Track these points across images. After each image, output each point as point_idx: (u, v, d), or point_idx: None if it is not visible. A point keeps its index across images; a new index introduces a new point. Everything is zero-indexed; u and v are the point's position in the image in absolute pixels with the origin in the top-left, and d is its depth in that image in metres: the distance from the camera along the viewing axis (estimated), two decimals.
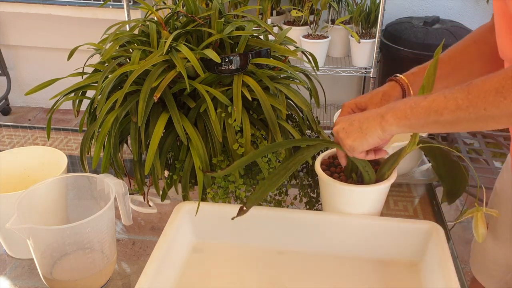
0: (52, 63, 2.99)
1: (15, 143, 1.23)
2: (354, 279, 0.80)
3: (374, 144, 0.75)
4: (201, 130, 0.85)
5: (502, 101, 0.61)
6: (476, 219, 0.81)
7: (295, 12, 2.22)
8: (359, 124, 0.75)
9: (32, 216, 0.77)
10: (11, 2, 2.51)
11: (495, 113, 0.62)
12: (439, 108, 0.65)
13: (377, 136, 0.73)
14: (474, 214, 0.81)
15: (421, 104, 0.67)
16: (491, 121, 0.64)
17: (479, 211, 0.81)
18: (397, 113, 0.70)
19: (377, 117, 0.72)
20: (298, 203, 0.93)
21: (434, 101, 0.66)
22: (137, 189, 0.89)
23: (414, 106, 0.68)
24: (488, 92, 0.62)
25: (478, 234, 0.81)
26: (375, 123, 0.73)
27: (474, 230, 0.81)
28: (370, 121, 0.73)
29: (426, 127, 0.69)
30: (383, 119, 0.71)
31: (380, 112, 0.73)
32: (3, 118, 3.07)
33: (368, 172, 0.82)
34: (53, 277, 0.76)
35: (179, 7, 0.93)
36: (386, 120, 0.71)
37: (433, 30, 2.32)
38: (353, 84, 2.86)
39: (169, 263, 0.78)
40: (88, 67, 0.96)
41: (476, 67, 0.87)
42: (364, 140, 0.74)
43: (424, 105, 0.67)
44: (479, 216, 0.81)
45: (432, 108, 0.66)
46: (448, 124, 0.66)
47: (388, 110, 0.71)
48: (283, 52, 0.91)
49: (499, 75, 0.62)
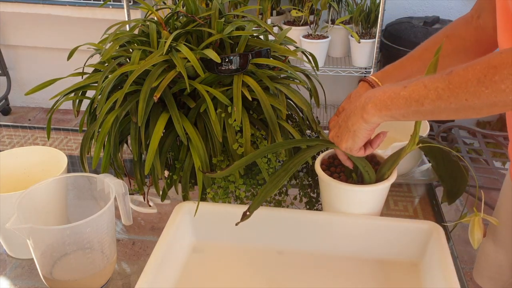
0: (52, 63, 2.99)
1: (15, 143, 1.23)
2: (354, 279, 0.80)
3: (365, 137, 0.75)
4: (201, 130, 0.85)
5: (484, 91, 0.59)
6: (472, 224, 0.80)
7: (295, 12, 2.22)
8: (345, 124, 0.75)
9: (32, 216, 0.77)
10: (11, 2, 2.51)
11: (476, 103, 0.61)
12: (420, 97, 0.64)
13: (364, 129, 0.73)
14: (471, 219, 0.81)
15: (401, 93, 0.66)
16: (472, 111, 0.62)
17: (476, 216, 0.80)
18: (377, 104, 0.69)
19: (358, 110, 0.72)
20: (298, 203, 0.93)
21: (414, 91, 0.65)
22: (137, 189, 0.89)
23: (394, 96, 0.67)
24: (470, 81, 0.60)
25: (473, 239, 0.80)
26: (358, 117, 0.72)
27: (469, 235, 0.81)
28: (352, 117, 0.73)
29: (407, 116, 0.68)
30: (364, 111, 0.71)
31: (360, 104, 0.72)
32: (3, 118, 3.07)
33: (368, 172, 0.82)
34: (53, 277, 0.76)
35: (179, 7, 0.93)
36: (367, 112, 0.70)
37: (433, 30, 2.32)
38: (353, 84, 2.86)
39: (169, 263, 0.78)
40: (88, 67, 0.96)
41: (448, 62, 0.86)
42: (355, 137, 0.74)
43: (404, 95, 0.66)
44: (476, 221, 0.80)
45: (412, 97, 0.65)
46: (429, 113, 0.65)
47: (368, 101, 0.70)
48: (283, 52, 0.91)
49: (481, 64, 0.60)
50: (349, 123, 0.74)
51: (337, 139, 0.78)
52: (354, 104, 0.74)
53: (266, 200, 0.88)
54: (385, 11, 2.20)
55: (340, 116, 0.78)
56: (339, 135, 0.77)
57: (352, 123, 0.73)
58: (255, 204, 0.75)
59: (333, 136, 0.79)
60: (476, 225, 0.80)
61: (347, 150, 0.77)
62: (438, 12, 2.57)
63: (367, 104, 0.70)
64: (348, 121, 0.74)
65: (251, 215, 0.74)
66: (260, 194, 0.76)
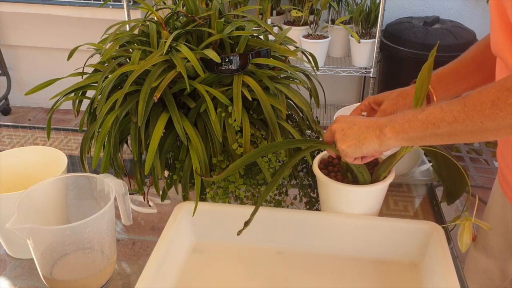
0: (52, 63, 2.99)
1: (15, 143, 1.23)
2: (354, 279, 0.80)
3: (367, 154, 0.75)
4: (201, 130, 0.85)
5: (498, 114, 0.60)
6: (462, 228, 0.81)
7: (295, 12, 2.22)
8: (358, 132, 0.74)
9: (32, 216, 0.77)
10: (11, 2, 2.51)
11: (492, 125, 0.61)
12: (436, 120, 0.65)
13: (373, 148, 0.73)
14: (462, 222, 0.81)
15: (418, 117, 0.67)
16: (489, 133, 0.63)
17: (467, 220, 0.80)
18: (395, 127, 0.69)
19: (376, 129, 0.72)
20: (298, 203, 0.93)
21: (431, 114, 0.66)
22: (137, 189, 0.89)
23: (412, 119, 0.68)
24: (484, 104, 0.61)
25: (462, 243, 0.80)
26: (373, 135, 0.72)
27: (458, 238, 0.81)
28: (369, 132, 0.73)
29: (424, 139, 0.68)
30: (382, 133, 0.71)
31: (379, 125, 0.72)
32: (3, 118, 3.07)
33: (362, 173, 0.82)
34: (53, 277, 0.76)
35: (179, 7, 0.93)
36: (384, 134, 0.70)
37: (433, 30, 2.32)
38: (353, 84, 2.86)
39: (169, 263, 0.78)
40: (88, 67, 0.96)
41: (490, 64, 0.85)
42: (358, 148, 0.74)
43: (421, 118, 0.66)
44: (467, 225, 0.80)
45: (429, 120, 0.66)
46: (446, 136, 0.66)
47: (387, 123, 0.71)
48: (283, 52, 0.91)
49: (495, 87, 0.61)
50: (362, 135, 0.73)
51: (340, 135, 0.76)
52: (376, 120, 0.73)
53: (266, 200, 0.88)
54: (385, 11, 2.20)
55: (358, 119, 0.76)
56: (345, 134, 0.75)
57: (365, 137, 0.73)
58: (254, 211, 0.74)
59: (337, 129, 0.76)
60: (466, 229, 0.80)
61: (342, 152, 0.76)
62: (438, 12, 2.57)
63: (385, 126, 0.70)
64: (362, 132, 0.73)
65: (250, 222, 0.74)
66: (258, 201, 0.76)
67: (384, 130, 0.70)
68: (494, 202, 0.97)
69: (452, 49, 2.24)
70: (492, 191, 0.99)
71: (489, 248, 0.99)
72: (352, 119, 0.76)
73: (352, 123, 0.76)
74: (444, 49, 2.21)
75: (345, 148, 0.75)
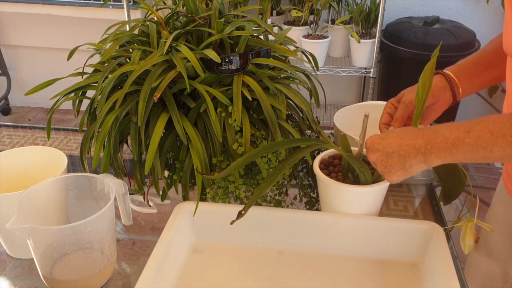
0: (52, 63, 2.99)
1: (15, 143, 1.23)
2: (354, 279, 0.80)
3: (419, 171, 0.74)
4: (201, 130, 0.85)
5: None
6: (464, 230, 0.80)
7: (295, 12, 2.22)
8: (400, 161, 0.72)
9: (32, 216, 0.77)
10: (11, 2, 2.51)
11: None
12: (488, 145, 0.64)
13: (421, 169, 0.72)
14: (464, 224, 0.81)
15: (466, 140, 0.66)
16: None
17: (469, 222, 0.80)
18: (441, 153, 0.68)
19: (418, 154, 0.70)
20: (298, 203, 0.93)
21: (480, 138, 0.65)
22: (137, 189, 0.89)
23: (459, 144, 0.67)
24: None
25: (465, 245, 0.80)
26: (419, 162, 0.71)
27: (461, 240, 0.81)
28: (411, 158, 0.71)
29: (475, 160, 0.68)
30: (427, 159, 0.70)
31: (419, 149, 0.70)
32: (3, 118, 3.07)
33: (364, 173, 0.82)
34: (53, 277, 0.76)
35: (179, 7, 0.93)
36: (431, 160, 0.70)
37: (433, 30, 2.32)
38: (353, 84, 2.86)
39: (169, 263, 0.78)
40: (88, 67, 0.96)
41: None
42: (408, 175, 0.74)
43: (470, 142, 0.66)
44: (469, 227, 0.80)
45: (479, 145, 0.65)
46: (498, 158, 0.66)
47: (430, 148, 0.69)
48: (283, 52, 0.91)
49: None
50: (406, 164, 0.72)
51: (382, 167, 0.74)
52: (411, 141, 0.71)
53: (266, 200, 0.88)
54: (385, 11, 2.20)
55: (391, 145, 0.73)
56: (388, 166, 0.74)
57: (410, 164, 0.72)
58: (250, 202, 0.75)
59: (377, 162, 0.75)
60: (468, 231, 0.80)
61: (393, 181, 0.75)
62: (438, 12, 2.57)
63: (429, 153, 0.69)
64: (405, 161, 0.72)
65: (245, 213, 0.74)
66: (255, 192, 0.76)
67: (429, 157, 0.69)
68: (497, 203, 0.97)
69: (452, 49, 2.24)
70: (496, 192, 0.99)
71: (491, 249, 0.99)
72: (385, 145, 0.73)
73: (388, 152, 0.73)
74: (444, 49, 2.21)
75: (396, 179, 0.75)
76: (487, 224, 0.83)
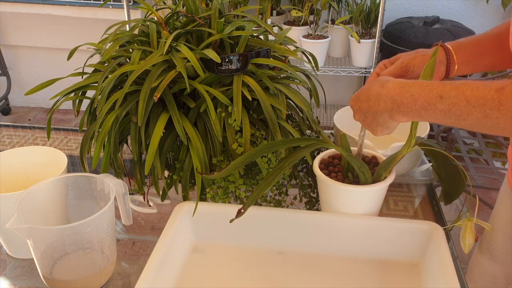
0: (52, 63, 2.99)
1: (15, 143, 1.23)
2: (354, 279, 0.80)
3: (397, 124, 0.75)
4: (201, 130, 0.85)
5: None
6: (464, 229, 0.80)
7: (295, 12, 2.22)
8: (374, 120, 0.73)
9: (32, 216, 0.77)
10: (11, 2, 2.51)
11: None
12: (462, 113, 0.62)
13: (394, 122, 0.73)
14: (464, 223, 0.81)
15: (437, 106, 0.64)
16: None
17: (469, 221, 0.80)
18: (408, 114, 0.67)
19: (386, 113, 0.70)
20: (298, 203, 0.93)
21: (455, 105, 0.62)
22: (137, 189, 0.89)
23: (429, 108, 0.65)
24: None
25: (465, 244, 0.80)
26: (386, 118, 0.71)
27: (461, 240, 0.81)
28: (380, 117, 0.72)
29: (443, 123, 0.67)
30: (392, 117, 0.70)
31: (387, 109, 0.70)
32: (3, 118, 3.07)
33: (363, 172, 0.82)
34: (53, 277, 0.76)
35: (179, 7, 0.93)
36: (396, 119, 0.70)
37: (433, 30, 2.32)
38: (353, 84, 2.86)
39: (169, 263, 0.78)
40: (88, 67, 0.96)
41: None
42: (390, 128, 0.74)
43: (443, 109, 0.63)
44: (469, 226, 0.80)
45: (452, 112, 0.63)
46: (469, 126, 0.64)
47: (396, 108, 0.68)
48: (283, 52, 0.91)
49: None
50: (379, 120, 0.73)
51: (366, 125, 0.77)
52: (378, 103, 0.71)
53: (266, 200, 0.88)
54: (385, 11, 2.20)
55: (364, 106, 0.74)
56: (369, 125, 0.76)
57: (383, 121, 0.72)
58: (249, 201, 0.75)
59: (360, 120, 0.78)
60: (468, 230, 0.80)
61: (380, 135, 0.77)
62: (438, 12, 2.57)
63: (394, 112, 0.68)
64: (378, 119, 0.72)
65: (245, 212, 0.74)
66: (255, 191, 0.76)
67: (394, 116, 0.69)
68: (501, 204, 0.97)
69: None
70: (500, 193, 0.98)
71: (494, 251, 0.98)
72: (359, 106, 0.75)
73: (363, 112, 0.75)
74: None
75: (380, 134, 0.76)
76: (487, 223, 0.83)
